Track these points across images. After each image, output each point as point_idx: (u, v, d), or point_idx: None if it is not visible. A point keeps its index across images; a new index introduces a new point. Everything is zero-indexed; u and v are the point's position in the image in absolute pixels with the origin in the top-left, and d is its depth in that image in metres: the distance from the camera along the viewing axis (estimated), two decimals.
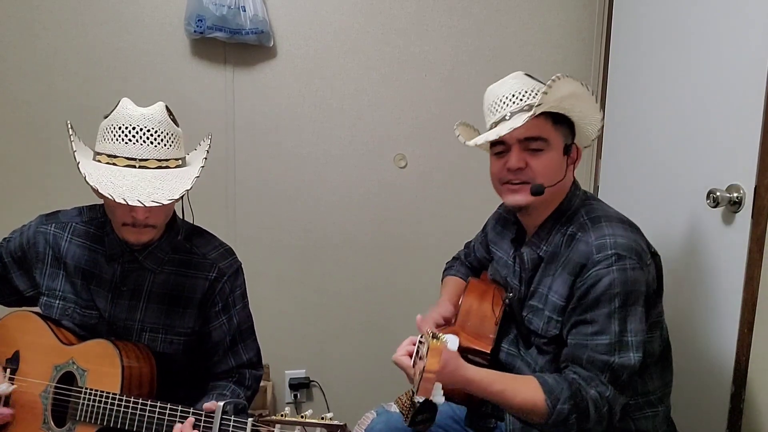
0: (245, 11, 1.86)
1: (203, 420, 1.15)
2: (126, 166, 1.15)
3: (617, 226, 1.17)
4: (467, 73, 2.15)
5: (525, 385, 1.12)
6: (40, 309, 1.34)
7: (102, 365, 1.24)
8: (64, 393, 1.26)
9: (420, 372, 0.96)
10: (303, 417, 1.09)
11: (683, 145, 1.66)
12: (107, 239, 1.31)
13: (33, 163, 1.93)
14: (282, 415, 1.10)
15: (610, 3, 2.12)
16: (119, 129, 1.16)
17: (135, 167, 1.16)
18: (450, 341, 1.01)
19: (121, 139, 1.15)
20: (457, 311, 1.36)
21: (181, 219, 1.37)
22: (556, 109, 1.19)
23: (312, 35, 2.04)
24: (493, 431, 1.33)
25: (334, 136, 2.11)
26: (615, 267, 1.10)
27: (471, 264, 1.59)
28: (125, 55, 1.93)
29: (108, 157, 1.16)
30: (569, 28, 2.20)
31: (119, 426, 1.20)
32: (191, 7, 1.85)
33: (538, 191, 1.19)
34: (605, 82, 2.14)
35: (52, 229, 1.33)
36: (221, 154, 2.03)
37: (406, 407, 1.23)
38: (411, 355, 1.09)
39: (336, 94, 2.09)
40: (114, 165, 1.15)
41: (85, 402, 1.22)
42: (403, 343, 1.13)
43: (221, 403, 1.15)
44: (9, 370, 1.29)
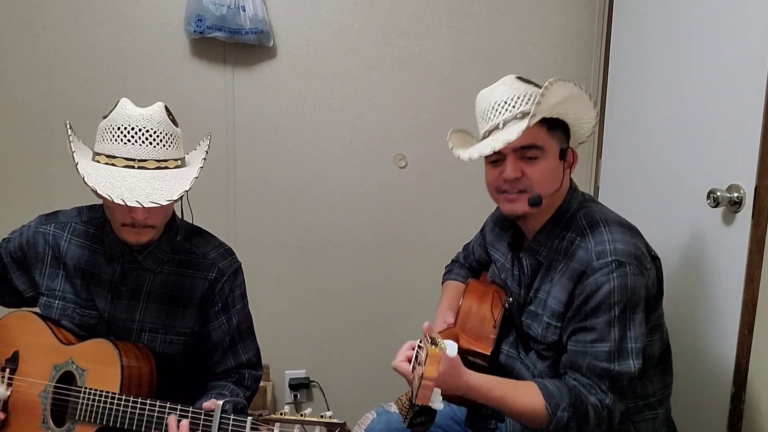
0: (245, 11, 1.86)
1: (202, 419, 1.15)
2: (125, 166, 1.15)
3: (616, 230, 1.15)
4: (467, 73, 2.15)
5: (525, 391, 1.11)
6: (39, 309, 1.34)
7: (101, 365, 1.24)
8: (63, 393, 1.26)
9: (419, 378, 0.95)
10: (302, 416, 1.09)
11: (683, 145, 1.66)
12: (107, 239, 1.31)
13: (33, 163, 1.93)
14: (281, 414, 1.10)
15: (610, 3, 2.12)
16: (118, 129, 1.16)
17: (134, 168, 1.15)
18: (449, 347, 1.00)
19: (120, 140, 1.15)
20: (457, 311, 1.36)
21: (181, 219, 1.37)
22: (550, 115, 1.16)
23: (312, 35, 2.04)
24: None
25: (334, 136, 2.11)
26: (615, 274, 1.09)
27: (470, 265, 1.58)
28: (125, 55, 1.94)
29: (107, 158, 1.16)
30: (569, 28, 2.20)
31: (119, 425, 1.20)
32: (191, 7, 1.85)
33: (536, 203, 1.17)
34: (605, 82, 2.14)
35: (51, 229, 1.33)
36: (221, 154, 2.03)
37: (405, 408, 1.23)
38: (410, 360, 1.08)
39: (336, 94, 2.09)
40: (113, 165, 1.15)
41: (85, 401, 1.22)
42: (402, 348, 1.12)
43: (220, 402, 1.15)
44: (8, 370, 1.29)
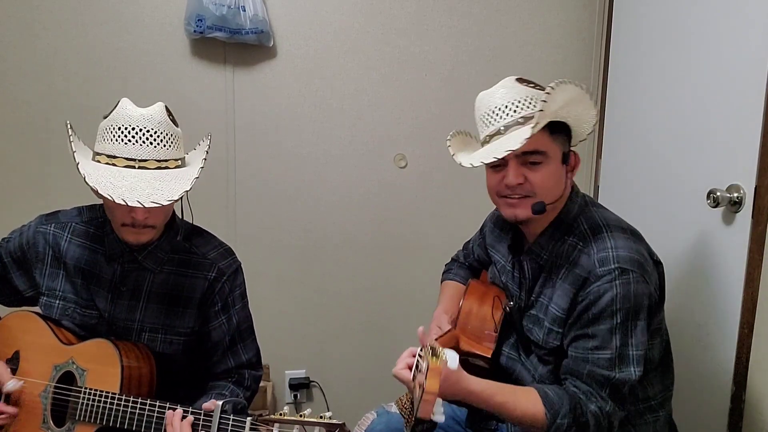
0: (245, 11, 1.86)
1: (202, 419, 1.15)
2: (125, 166, 1.15)
3: (619, 236, 1.14)
4: (467, 73, 2.15)
5: (525, 398, 1.11)
6: (40, 309, 1.34)
7: (102, 365, 1.24)
8: (63, 393, 1.26)
9: (420, 389, 0.95)
10: (302, 416, 1.08)
11: (683, 145, 1.66)
12: (107, 239, 1.31)
13: (33, 163, 1.93)
14: (281, 415, 1.09)
15: (610, 3, 2.12)
16: (119, 129, 1.16)
17: (134, 168, 1.16)
18: (450, 359, 0.99)
19: (121, 140, 1.15)
20: (457, 312, 1.35)
21: (181, 219, 1.37)
22: (552, 119, 1.14)
23: (312, 35, 2.04)
24: None
25: (334, 136, 2.11)
26: (618, 282, 1.08)
27: (470, 265, 1.57)
28: (125, 55, 1.93)
29: (107, 158, 1.16)
30: (569, 28, 2.20)
31: (119, 425, 1.20)
32: (191, 7, 1.85)
33: (540, 210, 1.15)
34: (605, 82, 2.14)
35: (51, 229, 1.33)
36: (221, 154, 2.03)
37: (406, 409, 1.22)
38: (411, 368, 1.07)
39: (336, 94, 2.09)
40: (113, 165, 1.15)
41: (85, 402, 1.22)
42: (403, 355, 1.11)
43: (220, 402, 1.15)
44: (9, 369, 1.29)
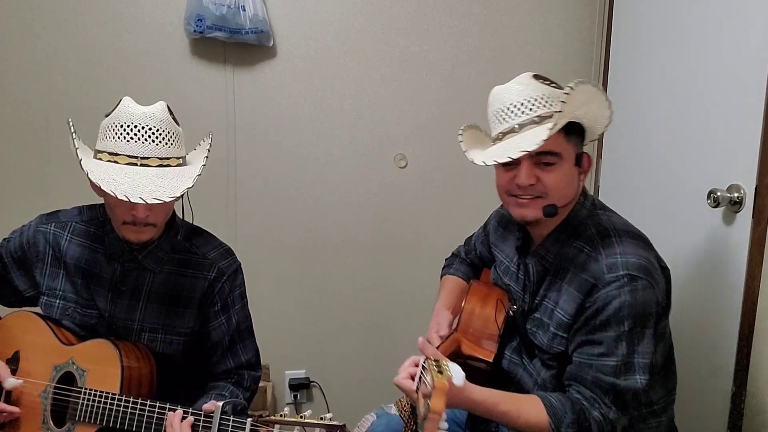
0: (245, 11, 1.86)
1: (202, 420, 1.15)
2: (127, 164, 1.15)
3: (628, 242, 1.13)
4: (467, 73, 2.15)
5: (528, 406, 1.10)
6: (40, 309, 1.34)
7: (102, 365, 1.24)
8: (63, 393, 1.26)
9: (425, 405, 0.94)
10: (302, 417, 1.08)
11: (684, 145, 1.66)
12: (107, 239, 1.31)
13: (33, 163, 1.93)
14: (281, 416, 1.09)
15: (610, 3, 2.12)
16: (121, 127, 1.16)
17: (136, 165, 1.16)
18: (455, 375, 0.98)
19: (123, 137, 1.15)
20: (459, 314, 1.34)
21: (181, 219, 1.37)
22: (570, 119, 1.11)
23: (312, 35, 2.04)
24: None
25: (334, 136, 2.11)
26: (626, 289, 1.07)
27: (472, 261, 1.56)
28: (125, 55, 1.93)
29: (109, 155, 1.16)
30: (569, 28, 2.20)
31: (119, 426, 1.20)
32: (191, 7, 1.85)
33: (551, 214, 1.13)
34: (605, 82, 2.14)
35: (52, 229, 1.33)
36: (222, 153, 2.02)
37: (406, 411, 1.22)
38: (413, 377, 1.07)
39: (336, 94, 2.09)
40: (115, 163, 1.15)
41: (85, 402, 1.22)
42: (405, 365, 1.11)
43: (220, 403, 1.15)
44: (9, 369, 1.29)
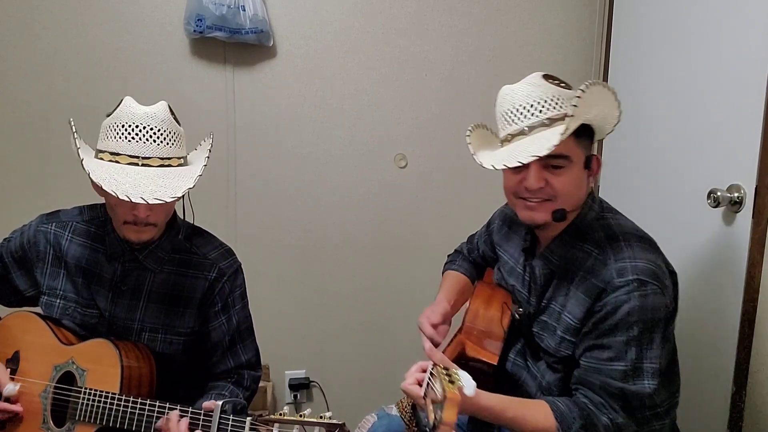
0: (245, 11, 1.86)
1: (202, 419, 1.15)
2: (129, 163, 1.16)
3: (637, 246, 1.12)
4: (467, 73, 2.15)
5: (536, 411, 1.10)
6: (40, 308, 1.34)
7: (101, 365, 1.24)
8: (63, 393, 1.26)
9: (436, 417, 0.93)
10: (302, 416, 1.08)
11: (684, 145, 1.66)
12: (108, 238, 1.31)
13: (33, 163, 1.93)
14: (281, 415, 1.09)
15: (610, 3, 2.13)
16: (122, 127, 1.16)
17: (138, 165, 1.16)
18: (467, 385, 0.97)
19: (125, 137, 1.16)
20: (464, 315, 1.33)
21: (182, 219, 1.37)
22: (581, 122, 1.11)
23: (312, 35, 2.04)
24: None
25: (334, 136, 2.11)
26: (636, 294, 1.06)
27: (474, 260, 1.55)
28: (125, 55, 1.93)
29: (111, 155, 1.16)
30: (569, 28, 2.20)
31: (119, 426, 1.20)
32: (191, 7, 1.85)
33: (561, 218, 1.13)
34: (605, 82, 2.14)
35: (52, 228, 1.33)
36: (222, 154, 2.03)
37: (407, 412, 1.22)
38: (420, 383, 1.06)
39: (336, 94, 2.09)
40: (117, 162, 1.16)
41: (85, 402, 1.22)
42: (411, 370, 1.10)
43: (220, 402, 1.15)
44: (9, 370, 1.29)
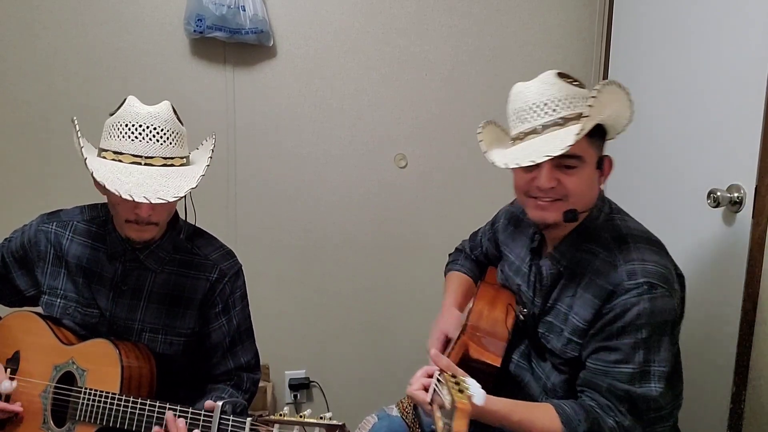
0: (245, 11, 1.86)
1: (202, 419, 1.15)
2: (132, 163, 1.16)
3: (645, 249, 1.12)
4: (467, 73, 2.15)
5: (542, 415, 1.10)
6: (41, 308, 1.34)
7: (102, 365, 1.24)
8: (63, 393, 1.26)
9: (441, 416, 0.94)
10: (302, 417, 1.08)
11: (684, 145, 1.66)
12: (109, 238, 1.31)
13: (33, 163, 1.93)
14: (281, 415, 1.09)
15: (610, 3, 2.13)
16: (125, 126, 1.16)
17: (141, 164, 1.16)
18: (476, 395, 0.98)
19: (128, 136, 1.16)
20: (467, 317, 1.32)
21: (183, 220, 1.37)
22: (596, 122, 1.10)
23: (312, 35, 2.04)
24: None
25: (334, 136, 2.11)
26: (646, 296, 1.06)
27: (477, 258, 1.54)
28: (125, 55, 1.93)
29: (114, 154, 1.16)
30: (569, 28, 2.20)
31: (119, 426, 1.20)
32: (191, 7, 1.85)
33: (572, 219, 1.12)
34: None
35: (53, 228, 1.33)
36: (222, 154, 2.02)
37: (409, 413, 1.22)
38: (426, 388, 1.06)
39: (336, 94, 2.09)
40: (119, 162, 1.16)
41: (85, 402, 1.22)
42: (417, 375, 1.10)
43: (220, 403, 1.15)
44: (9, 370, 1.29)
